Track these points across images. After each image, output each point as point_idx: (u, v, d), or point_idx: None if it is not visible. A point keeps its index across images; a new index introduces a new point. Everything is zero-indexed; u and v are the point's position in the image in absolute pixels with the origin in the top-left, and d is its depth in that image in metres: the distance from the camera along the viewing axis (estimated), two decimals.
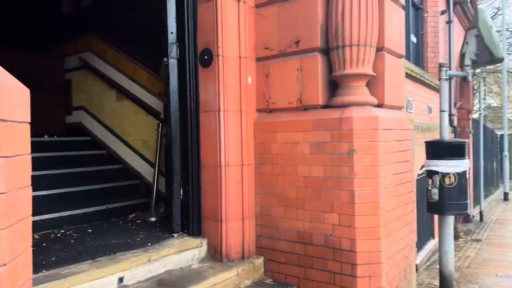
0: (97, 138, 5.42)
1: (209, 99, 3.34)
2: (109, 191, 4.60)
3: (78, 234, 3.57)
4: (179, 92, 3.46)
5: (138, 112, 4.89)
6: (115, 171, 5.04)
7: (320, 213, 3.13)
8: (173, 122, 3.45)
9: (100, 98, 5.38)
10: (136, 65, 4.92)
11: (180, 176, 3.46)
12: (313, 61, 3.20)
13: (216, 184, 3.30)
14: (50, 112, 5.62)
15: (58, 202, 4.11)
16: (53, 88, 5.66)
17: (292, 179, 3.26)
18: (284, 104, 3.34)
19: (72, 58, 5.72)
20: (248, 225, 3.39)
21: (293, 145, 3.26)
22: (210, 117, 3.34)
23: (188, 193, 3.42)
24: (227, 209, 3.30)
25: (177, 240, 3.32)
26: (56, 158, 4.80)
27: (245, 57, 3.38)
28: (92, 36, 5.47)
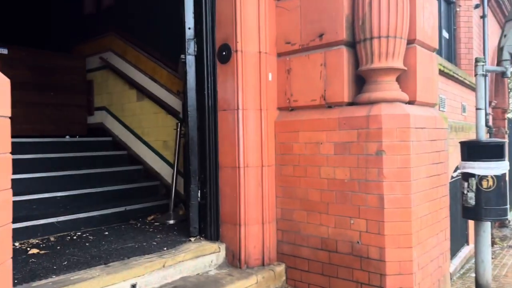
0: (117, 139, 5.36)
1: (227, 97, 3.18)
2: (128, 192, 4.51)
3: (94, 237, 3.48)
4: (197, 90, 3.32)
5: (158, 112, 4.79)
6: (135, 172, 4.96)
7: (345, 218, 2.91)
8: (190, 121, 3.30)
9: (120, 98, 5.32)
10: (156, 64, 4.82)
11: (198, 178, 3.31)
12: (338, 55, 2.99)
13: (234, 186, 3.13)
14: (72, 112, 5.61)
15: (76, 203, 4.05)
16: (75, 88, 5.65)
17: (315, 181, 3.06)
18: (306, 101, 3.15)
19: (93, 58, 5.69)
20: (269, 229, 3.21)
21: (316, 145, 3.05)
22: (228, 115, 3.17)
23: (205, 195, 3.27)
24: (246, 212, 3.12)
25: (194, 244, 3.17)
26: (76, 158, 4.75)
27: (265, 52, 3.20)
28: (112, 35, 5.42)
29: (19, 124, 5.02)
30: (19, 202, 3.66)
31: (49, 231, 3.53)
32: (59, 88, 5.48)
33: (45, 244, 3.23)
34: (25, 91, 5.11)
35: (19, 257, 2.87)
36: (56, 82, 5.43)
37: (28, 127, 5.14)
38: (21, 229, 3.36)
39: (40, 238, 3.42)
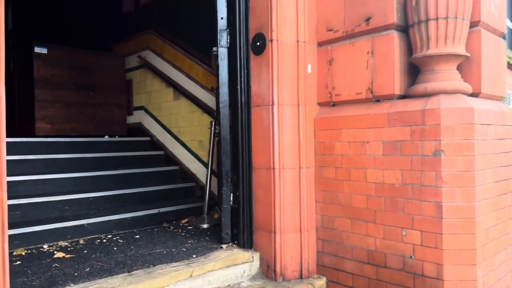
0: (155, 139, 5.24)
1: (261, 91, 2.90)
2: (163, 193, 4.36)
3: (124, 240, 3.31)
4: (229, 85, 3.06)
5: (194, 110, 4.60)
6: (171, 172, 4.80)
7: (396, 229, 2.52)
8: (222, 119, 3.05)
9: (158, 97, 5.20)
10: (193, 61, 4.64)
11: (230, 180, 3.05)
12: (387, 41, 2.61)
13: (268, 190, 2.84)
14: (111, 112, 5.57)
15: (109, 205, 3.93)
16: (114, 88, 5.61)
17: (360, 186, 2.69)
18: (350, 95, 2.79)
19: (132, 57, 5.62)
20: (307, 238, 2.88)
21: (361, 144, 2.69)
22: (262, 112, 2.89)
23: (238, 198, 3.00)
24: (282, 219, 2.82)
25: (225, 252, 2.90)
26: (113, 158, 4.67)
27: (304, 41, 2.88)
28: (150, 33, 5.32)
29: (58, 124, 5.05)
30: (51, 203, 3.59)
31: (79, 233, 3.42)
32: (99, 87, 5.45)
33: (73, 247, 3.11)
34: (65, 90, 5.12)
35: (43, 261, 2.75)
36: (95, 81, 5.41)
37: (67, 126, 5.14)
38: (50, 230, 3.27)
39: (69, 241, 3.31)
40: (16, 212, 3.37)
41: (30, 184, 3.77)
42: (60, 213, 3.61)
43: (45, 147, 4.40)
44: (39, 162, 4.13)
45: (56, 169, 4.20)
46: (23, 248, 3.06)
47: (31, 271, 2.54)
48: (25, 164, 4.03)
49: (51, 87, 5.00)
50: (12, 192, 3.62)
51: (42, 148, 4.38)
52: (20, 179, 3.72)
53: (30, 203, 3.46)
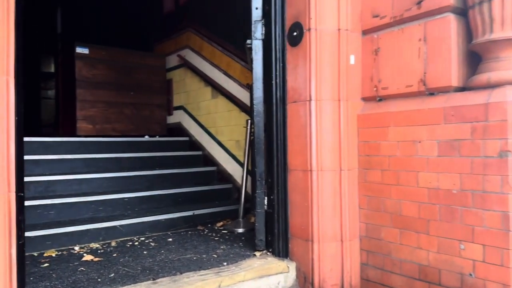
0: (194, 139, 5.13)
1: (297, 86, 2.65)
2: (199, 195, 4.21)
3: (156, 244, 3.18)
4: (264, 80, 2.84)
5: (231, 109, 4.42)
6: (208, 173, 4.65)
7: (453, 242, 2.17)
8: (256, 116, 2.83)
9: (196, 96, 5.08)
10: (230, 58, 4.47)
11: (265, 182, 2.82)
12: (442, 26, 2.27)
13: (305, 194, 2.58)
14: (152, 112, 5.53)
15: (143, 206, 3.84)
16: (155, 88, 5.57)
17: (410, 191, 2.37)
18: (399, 88, 2.47)
19: (173, 56, 5.56)
20: (349, 249, 2.59)
21: (412, 144, 2.36)
22: (299, 108, 2.63)
23: (272, 203, 2.76)
24: (320, 226, 2.54)
25: (258, 261, 2.68)
26: (151, 159, 4.59)
27: (346, 29, 2.60)
28: (190, 31, 5.22)
29: (99, 124, 5.06)
30: (85, 203, 3.54)
31: (111, 235, 3.33)
32: (140, 87, 5.42)
33: (103, 250, 3.01)
34: (106, 90, 5.13)
35: (71, 264, 2.66)
36: (136, 81, 5.39)
37: (108, 126, 5.14)
38: (82, 232, 3.20)
39: (101, 243, 3.23)
40: (50, 212, 3.34)
41: (66, 183, 3.75)
42: (94, 213, 3.55)
43: (84, 147, 4.40)
44: (77, 162, 4.12)
45: (94, 169, 4.18)
46: (54, 249, 3.00)
47: (56, 274, 2.45)
48: (63, 163, 4.04)
49: (92, 87, 5.02)
50: (48, 191, 3.63)
51: (81, 148, 4.39)
52: (56, 178, 3.71)
53: (64, 203, 3.43)
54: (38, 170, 3.89)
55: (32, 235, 2.97)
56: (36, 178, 3.62)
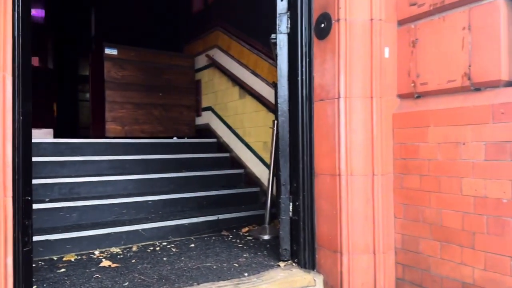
0: (221, 140, 4.99)
1: (325, 82, 2.42)
2: (225, 198, 4.05)
3: (177, 249, 3.05)
4: (289, 77, 2.64)
5: (259, 109, 4.24)
6: (235, 176, 4.49)
7: (503, 258, 1.89)
8: (280, 116, 2.63)
9: (224, 97, 4.94)
10: (258, 56, 4.29)
11: (290, 187, 2.61)
12: (490, 12, 1.99)
13: (333, 200, 2.35)
14: (181, 113, 5.45)
15: (167, 209, 3.73)
16: (183, 89, 5.48)
17: (453, 199, 2.09)
18: (440, 83, 2.20)
19: (201, 56, 5.45)
20: (383, 262, 2.34)
21: (455, 146, 2.09)
22: (326, 107, 2.41)
23: (298, 209, 2.55)
24: (350, 236, 2.31)
25: (282, 272, 2.47)
26: (178, 160, 4.49)
27: (379, 19, 2.35)
28: (218, 30, 5.09)
29: (128, 125, 5.03)
30: (108, 206, 3.47)
31: (133, 239, 3.23)
32: (168, 88, 5.36)
33: (123, 255, 2.91)
34: (134, 91, 5.09)
35: (87, 270, 2.57)
36: (165, 82, 5.33)
37: (137, 128, 5.10)
38: (103, 235, 3.12)
39: (122, 247, 3.13)
40: (72, 214, 3.29)
41: (91, 185, 3.70)
42: (117, 216, 3.48)
43: (112, 149, 4.36)
44: (104, 163, 4.08)
45: (120, 170, 4.12)
46: (74, 254, 2.93)
47: (70, 281, 2.36)
48: (90, 165, 4.00)
49: (121, 89, 5.00)
50: (72, 193, 3.59)
51: (109, 149, 4.35)
52: (81, 180, 3.67)
53: (87, 206, 3.37)
54: (64, 172, 3.87)
55: (52, 239, 2.91)
56: (60, 179, 3.59)
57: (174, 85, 5.41)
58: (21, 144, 1.72)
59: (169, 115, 5.37)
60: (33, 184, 3.42)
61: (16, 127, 1.69)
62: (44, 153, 4.00)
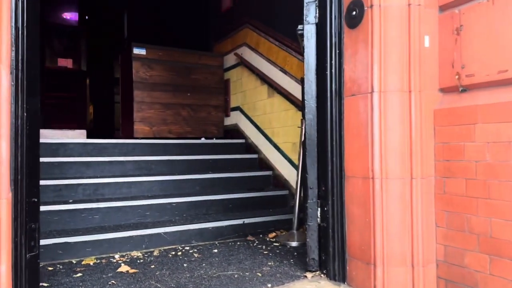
0: (250, 141, 4.82)
1: (357, 76, 2.20)
2: (252, 202, 3.87)
3: (199, 255, 2.90)
4: (317, 70, 2.43)
5: (288, 108, 4.04)
6: (263, 178, 4.30)
7: None
8: (307, 114, 2.43)
9: (252, 96, 4.77)
10: (287, 52, 4.09)
11: (317, 191, 2.40)
12: None
13: (366, 206, 2.12)
14: (209, 114, 5.32)
15: (191, 212, 3.59)
16: (212, 88, 5.36)
17: (505, 207, 1.81)
18: (490, 74, 1.92)
19: (230, 55, 5.31)
20: (423, 276, 2.08)
21: (508, 145, 1.81)
22: (358, 102, 2.18)
23: (327, 215, 2.33)
24: (385, 247, 2.07)
25: (309, 285, 2.26)
26: (204, 162, 4.36)
27: (418, 4, 2.10)
28: (247, 27, 4.93)
29: (156, 126, 4.95)
30: (132, 208, 3.37)
31: (155, 242, 3.11)
32: (197, 88, 5.25)
33: (143, 260, 2.79)
34: (163, 92, 5.02)
35: (104, 276, 2.46)
36: (193, 82, 5.22)
37: (165, 128, 5.02)
38: (125, 238, 3.01)
39: (144, 251, 3.02)
40: (95, 216, 3.21)
41: (115, 186, 3.63)
42: (140, 219, 3.37)
43: (138, 149, 4.29)
44: (129, 164, 4.00)
45: (145, 171, 4.04)
46: (94, 257, 2.84)
47: (84, 287, 2.25)
48: (115, 165, 3.94)
49: (149, 89, 4.94)
50: (96, 194, 3.53)
51: (136, 150, 4.28)
52: (105, 181, 3.60)
53: (110, 207, 3.28)
54: (89, 173, 3.83)
55: (72, 241, 2.83)
56: (85, 180, 3.54)
57: (203, 85, 5.29)
58: (24, 142, 1.62)
59: (197, 116, 5.26)
60: (58, 185, 3.45)
61: (18, 124, 1.59)
62: (70, 154, 3.98)
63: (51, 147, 3.93)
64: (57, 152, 3.94)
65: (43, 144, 3.90)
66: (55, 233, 2.94)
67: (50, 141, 3.96)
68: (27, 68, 1.66)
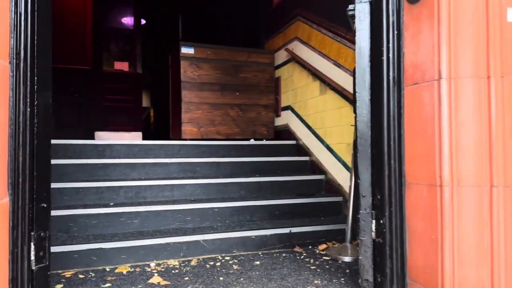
0: (301, 142, 4.48)
1: (420, 60, 1.80)
2: (300, 208, 3.53)
3: (239, 267, 2.63)
4: (371, 56, 2.05)
5: (342, 106, 3.65)
6: (314, 183, 3.94)
7: None
8: (359, 108, 2.06)
9: (304, 94, 4.43)
10: (341, 44, 3.71)
11: (371, 200, 2.02)
12: None
13: (432, 220, 1.71)
14: (259, 114, 5.07)
15: (234, 218, 3.34)
16: (262, 87, 5.10)
17: None
18: None
19: (281, 51, 5.02)
20: None
21: None
22: (422, 92, 1.79)
23: (383, 229, 1.95)
24: (456, 271, 1.65)
25: None
26: (251, 164, 4.11)
27: None
28: (298, 20, 4.60)
29: (204, 127, 4.80)
30: (172, 212, 3.19)
31: (194, 251, 2.89)
32: (246, 87, 5.02)
33: (178, 270, 2.57)
34: (211, 91, 4.84)
35: (133, 287, 2.26)
36: (242, 81, 5.00)
37: (213, 129, 4.84)
38: (162, 245, 2.82)
39: (181, 259, 2.81)
40: (134, 220, 3.07)
41: (158, 189, 3.48)
42: (180, 224, 3.18)
43: (184, 151, 4.14)
44: (174, 166, 3.85)
45: (190, 174, 3.87)
46: (129, 265, 2.68)
47: None
48: (159, 167, 3.80)
49: (197, 89, 4.78)
50: (138, 197, 3.40)
51: (181, 151, 4.13)
52: (148, 184, 3.46)
53: (150, 211, 3.12)
54: (134, 175, 3.72)
55: (106, 247, 2.69)
56: (127, 183, 3.43)
57: (252, 84, 5.05)
58: (28, 141, 1.44)
59: (246, 116, 5.02)
60: (100, 187, 3.35)
61: (20, 120, 1.42)
62: (117, 155, 3.92)
63: (97, 149, 3.89)
64: (103, 153, 3.89)
65: (89, 145, 3.89)
66: (91, 237, 2.82)
67: (96, 143, 3.92)
68: (32, 58, 1.49)
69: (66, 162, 3.55)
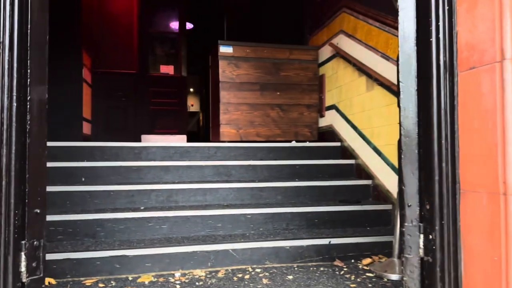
0: (345, 144, 4.14)
1: (477, 38, 1.45)
2: (343, 217, 3.20)
3: (269, 281, 2.38)
4: (418, 38, 1.72)
5: (390, 103, 3.28)
6: (360, 189, 3.59)
7: None
8: (403, 100, 1.73)
9: (349, 91, 4.09)
10: (390, 34, 3.34)
11: (419, 210, 1.69)
12: None
13: (494, 236, 1.36)
14: (301, 114, 4.79)
15: (268, 226, 3.09)
16: (305, 86, 4.81)
17: None
18: None
19: (325, 47, 4.71)
20: None
21: None
22: (480, 79, 1.44)
23: (433, 245, 1.60)
24: None
25: None
26: (290, 168, 3.85)
27: None
28: (344, 12, 4.27)
29: (243, 128, 4.60)
30: (202, 218, 3.01)
31: (222, 260, 2.68)
32: (287, 86, 4.76)
33: (202, 282, 2.37)
34: (250, 91, 4.64)
35: None
36: (283, 79, 4.75)
37: (252, 131, 4.62)
38: (188, 254, 2.64)
39: (208, 270, 2.61)
40: (162, 226, 2.92)
41: (190, 193, 3.32)
42: (210, 231, 2.99)
43: (221, 153, 3.97)
44: (208, 169, 3.68)
45: (224, 177, 3.68)
46: (153, 274, 2.52)
47: None
48: (193, 170, 3.65)
49: (236, 89, 4.60)
50: (169, 201, 3.27)
51: (218, 154, 3.96)
52: (180, 187, 3.32)
53: (179, 217, 2.96)
54: (167, 178, 3.60)
55: (130, 254, 2.55)
56: (160, 186, 3.30)
57: (294, 82, 4.78)
58: (13, 139, 1.29)
59: (288, 116, 4.75)
60: (130, 191, 3.24)
61: (3, 116, 1.28)
62: (153, 158, 3.82)
63: (134, 151, 3.82)
64: (139, 156, 3.81)
65: (126, 148, 3.82)
66: (117, 243, 2.69)
67: (132, 145, 3.85)
68: (22, 49, 1.35)
69: (101, 165, 3.50)
